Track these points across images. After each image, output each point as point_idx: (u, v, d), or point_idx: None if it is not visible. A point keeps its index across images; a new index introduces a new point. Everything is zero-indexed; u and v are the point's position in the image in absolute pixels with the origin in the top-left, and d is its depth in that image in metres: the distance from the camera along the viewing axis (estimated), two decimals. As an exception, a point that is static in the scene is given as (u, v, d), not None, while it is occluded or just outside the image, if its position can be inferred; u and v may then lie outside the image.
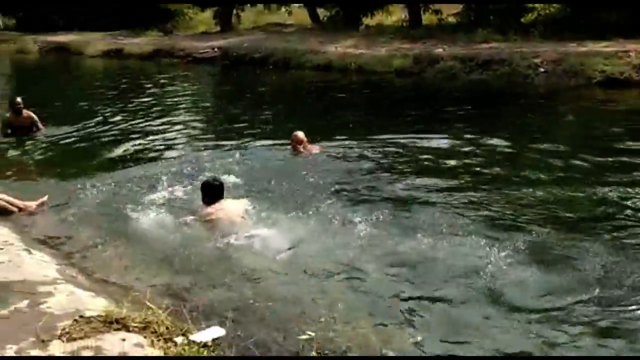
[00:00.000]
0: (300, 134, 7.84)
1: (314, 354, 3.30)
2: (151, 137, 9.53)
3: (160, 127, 10.38)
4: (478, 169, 7.11)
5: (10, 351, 2.89)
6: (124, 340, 3.04)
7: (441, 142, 8.43)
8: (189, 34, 28.48)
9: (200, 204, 5.53)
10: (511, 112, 11.16)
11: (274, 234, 5.11)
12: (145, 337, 3.13)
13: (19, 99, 9.74)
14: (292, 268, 4.57)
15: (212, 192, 5.49)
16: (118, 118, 11.36)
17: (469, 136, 8.63)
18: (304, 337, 3.45)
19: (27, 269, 3.89)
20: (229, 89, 16.53)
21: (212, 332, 3.41)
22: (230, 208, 5.50)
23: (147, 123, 10.77)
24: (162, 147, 8.90)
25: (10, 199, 5.84)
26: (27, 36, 33.20)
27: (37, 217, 5.69)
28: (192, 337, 3.29)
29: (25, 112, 9.72)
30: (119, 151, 8.56)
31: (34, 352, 2.89)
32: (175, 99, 13.86)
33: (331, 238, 5.08)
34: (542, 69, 13.87)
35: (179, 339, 3.23)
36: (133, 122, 10.88)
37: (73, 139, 9.54)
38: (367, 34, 20.36)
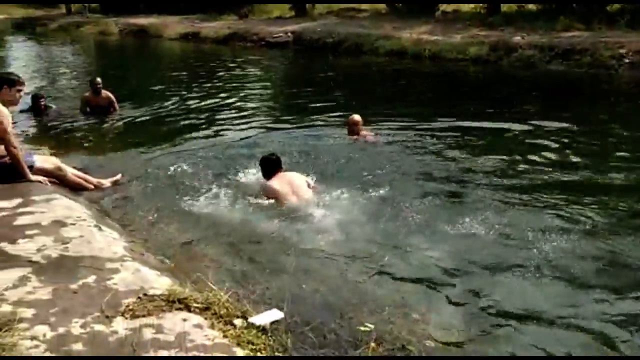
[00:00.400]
0: (357, 117, 7.81)
1: (372, 345, 3.25)
2: (220, 119, 9.69)
3: (229, 109, 10.55)
4: (550, 162, 6.78)
5: (76, 325, 2.96)
6: (185, 320, 3.07)
7: (511, 132, 8.12)
8: (264, 19, 28.72)
9: (263, 180, 5.72)
10: (592, 104, 10.64)
11: (333, 217, 5.17)
12: (205, 318, 3.15)
13: (98, 79, 10.08)
14: (352, 253, 4.54)
15: (270, 165, 5.73)
16: (190, 100, 11.60)
17: (541, 125, 8.29)
18: (363, 328, 3.39)
19: (97, 245, 3.99)
20: (299, 74, 16.59)
21: (270, 315, 3.39)
22: (292, 176, 5.74)
23: (216, 105, 10.97)
24: (229, 128, 9.03)
25: (86, 176, 6.05)
26: (109, 19, 34.42)
27: (110, 194, 5.87)
28: (251, 320, 3.28)
29: (104, 92, 10.05)
30: (190, 132, 8.73)
31: (98, 327, 2.95)
32: (245, 83, 14.01)
33: (390, 222, 5.05)
34: (627, 60, 13.16)
35: (238, 322, 3.24)
36: (203, 104, 11.11)
37: (147, 118, 9.86)
38: (443, 20, 19.93)
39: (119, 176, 6.22)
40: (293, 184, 5.59)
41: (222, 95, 12.09)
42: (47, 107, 10.22)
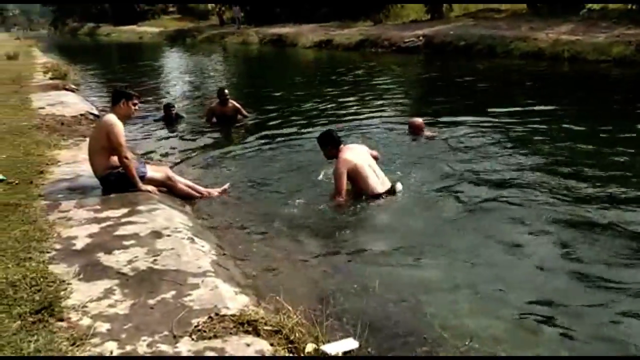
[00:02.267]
0: (419, 120, 8.35)
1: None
2: (345, 128, 9.54)
3: (352, 116, 10.38)
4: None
5: (143, 343, 2.98)
6: (248, 345, 2.97)
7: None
8: (398, 23, 28.54)
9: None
10: None
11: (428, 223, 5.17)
12: (272, 344, 3.03)
13: (225, 90, 10.41)
14: (435, 263, 4.40)
15: (329, 139, 5.90)
16: (315, 107, 11.68)
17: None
18: None
19: (185, 258, 4.03)
20: (426, 79, 16.12)
21: (344, 345, 3.21)
22: (358, 147, 6.02)
23: (341, 113, 10.85)
24: (354, 141, 8.84)
25: (195, 186, 6.21)
26: (250, 29, 36.00)
27: (215, 204, 5.96)
28: (322, 348, 3.13)
29: (231, 102, 10.36)
30: (310, 142, 8.67)
31: (163, 347, 2.94)
32: (369, 89, 13.83)
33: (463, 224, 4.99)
34: None
35: (310, 347, 3.09)
36: (329, 112, 11.10)
37: (273, 124, 9.88)
38: (588, 19, 18.48)
39: (227, 185, 6.33)
40: (360, 154, 5.84)
41: (348, 102, 12.03)
42: (178, 115, 10.75)
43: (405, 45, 21.26)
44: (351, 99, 12.27)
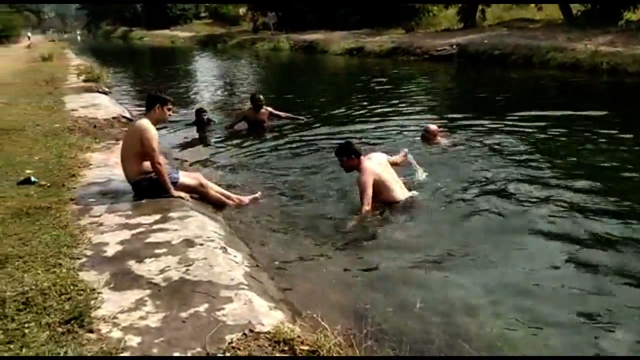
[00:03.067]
0: (433, 127, 8.38)
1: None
2: (375, 138, 9.37)
3: (377, 125, 10.18)
4: None
5: (175, 360, 2.85)
6: (285, 367, 2.82)
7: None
8: (430, 32, 28.27)
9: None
10: None
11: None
12: (309, 366, 2.88)
13: (260, 96, 10.28)
14: (472, 278, 4.24)
15: (350, 150, 5.75)
16: (345, 114, 11.55)
17: None
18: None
19: (217, 269, 3.89)
20: (458, 88, 15.82)
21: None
22: (377, 156, 5.91)
23: (369, 119, 10.69)
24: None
25: (227, 193, 6.10)
26: (281, 35, 36.07)
27: (248, 212, 5.83)
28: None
29: (265, 108, 10.24)
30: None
31: (196, 365, 2.81)
32: (399, 97, 13.58)
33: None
34: None
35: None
36: (356, 119, 10.94)
37: (304, 134, 9.74)
38: (627, 30, 18.02)
39: (258, 194, 6.20)
40: (383, 164, 5.79)
41: (378, 109, 11.85)
42: (210, 120, 10.69)
43: (438, 53, 21.00)
44: (381, 107, 12.08)
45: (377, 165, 5.70)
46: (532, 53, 17.16)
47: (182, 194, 5.59)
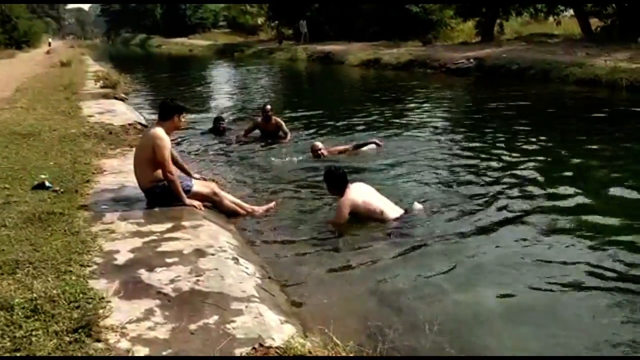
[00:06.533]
0: (319, 144, 8.60)
1: None
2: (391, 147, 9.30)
3: (397, 137, 10.12)
4: None
5: (182, 373, 2.78)
6: (294, 383, 2.75)
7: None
8: (448, 45, 28.21)
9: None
10: None
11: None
12: (319, 383, 2.80)
13: (268, 107, 10.28)
14: (483, 293, 4.19)
15: (340, 179, 5.69)
16: (359, 124, 11.51)
17: None
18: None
19: (228, 280, 3.83)
20: (475, 102, 15.66)
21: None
22: (363, 187, 5.78)
23: (385, 131, 10.61)
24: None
25: (241, 202, 6.05)
26: (298, 45, 36.19)
27: (261, 223, 5.77)
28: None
29: (274, 119, 10.24)
30: (356, 161, 8.45)
31: (204, 379, 2.74)
32: (413, 110, 13.50)
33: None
34: None
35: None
36: (370, 129, 10.89)
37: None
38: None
39: (272, 204, 6.15)
40: (372, 193, 5.69)
41: (393, 121, 11.79)
42: (227, 129, 10.70)
43: (455, 66, 20.88)
44: (394, 117, 12.03)
45: (359, 194, 5.63)
46: (550, 68, 17.02)
47: (195, 203, 5.54)
